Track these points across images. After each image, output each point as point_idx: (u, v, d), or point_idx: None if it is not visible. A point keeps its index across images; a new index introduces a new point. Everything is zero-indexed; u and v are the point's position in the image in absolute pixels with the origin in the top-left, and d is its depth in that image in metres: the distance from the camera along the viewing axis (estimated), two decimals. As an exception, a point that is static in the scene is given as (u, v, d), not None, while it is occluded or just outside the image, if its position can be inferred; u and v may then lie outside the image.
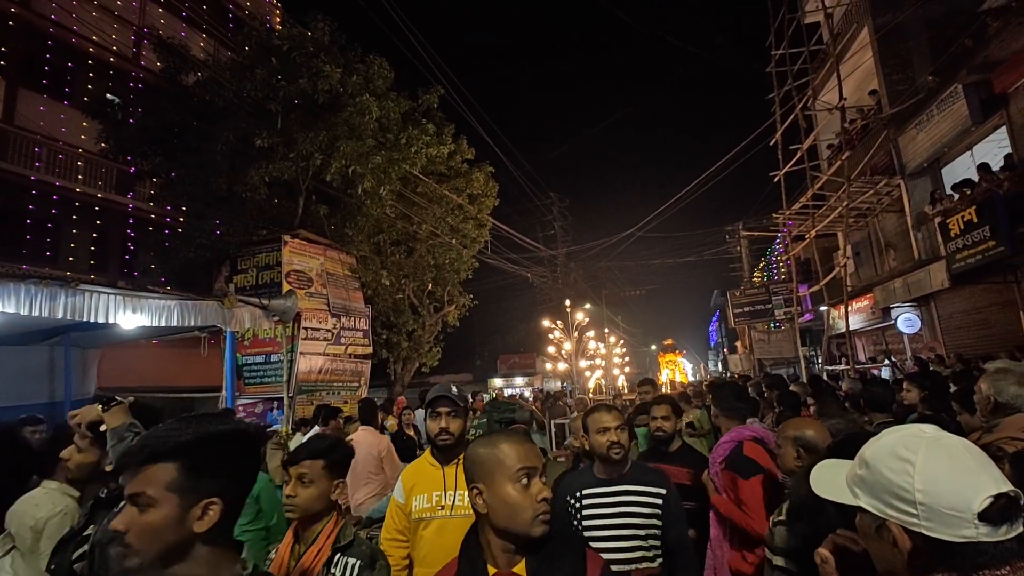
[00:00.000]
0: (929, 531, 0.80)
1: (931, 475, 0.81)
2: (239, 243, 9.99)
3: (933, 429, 0.88)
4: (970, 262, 8.97)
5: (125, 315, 4.84)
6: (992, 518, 0.77)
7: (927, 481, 0.81)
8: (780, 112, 14.33)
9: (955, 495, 0.79)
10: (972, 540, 0.77)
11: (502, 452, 1.26)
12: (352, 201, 10.78)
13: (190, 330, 6.34)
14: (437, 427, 2.18)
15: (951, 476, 0.80)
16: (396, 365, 13.61)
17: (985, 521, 0.77)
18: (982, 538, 0.77)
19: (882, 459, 0.87)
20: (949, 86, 9.71)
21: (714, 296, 42.01)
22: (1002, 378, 2.32)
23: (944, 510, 0.79)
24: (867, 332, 15.11)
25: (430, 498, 2.08)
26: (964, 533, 0.78)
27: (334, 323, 9.94)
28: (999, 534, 0.77)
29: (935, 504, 0.79)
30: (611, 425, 2.29)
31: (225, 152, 9.56)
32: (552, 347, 16.66)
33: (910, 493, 0.81)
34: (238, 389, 8.55)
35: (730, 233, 23.44)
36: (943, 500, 0.79)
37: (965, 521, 0.78)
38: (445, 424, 2.15)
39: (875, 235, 14.27)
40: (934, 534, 0.79)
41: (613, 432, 2.27)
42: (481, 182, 13.61)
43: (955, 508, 0.78)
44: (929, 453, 0.83)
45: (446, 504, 2.05)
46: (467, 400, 2.31)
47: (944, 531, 0.79)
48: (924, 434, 0.86)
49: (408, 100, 11.96)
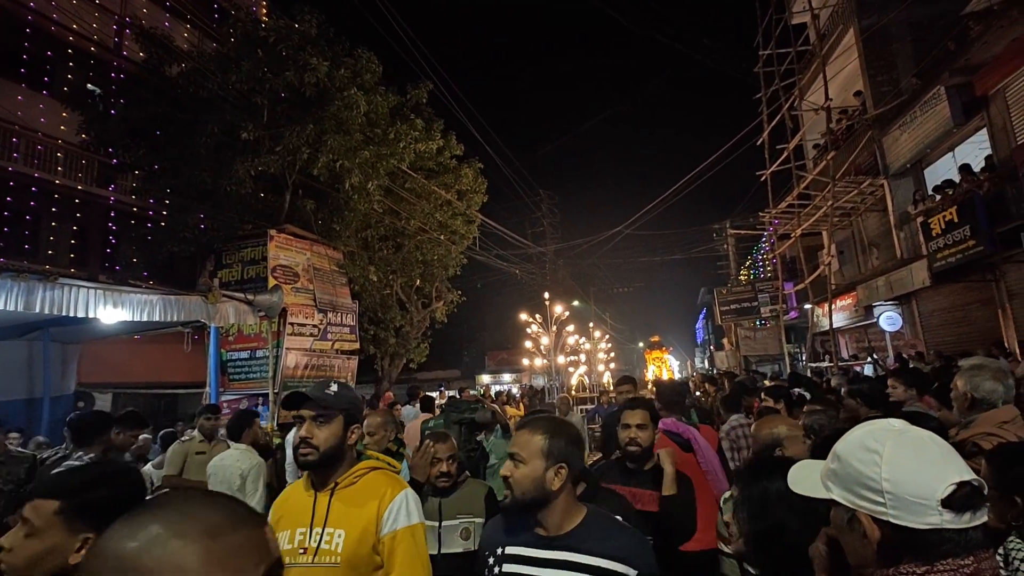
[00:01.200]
0: (896, 519, 0.82)
1: (897, 464, 0.84)
2: (224, 237, 9.85)
3: (901, 423, 0.91)
4: (951, 261, 9.14)
5: (106, 310, 4.76)
6: (955, 505, 0.80)
7: (894, 470, 0.84)
8: (767, 112, 14.47)
9: (920, 483, 0.82)
10: (937, 527, 0.80)
11: None
12: (339, 196, 10.68)
13: (173, 325, 6.25)
14: (296, 437, 1.64)
15: (916, 465, 0.83)
16: (383, 361, 13.54)
17: (948, 508, 0.80)
18: (946, 525, 0.80)
19: (852, 452, 0.90)
20: (932, 88, 9.87)
21: (701, 294, 42.36)
22: (977, 374, 2.36)
23: (910, 498, 0.82)
24: (850, 330, 15.34)
25: (293, 536, 1.59)
26: (929, 520, 0.81)
27: (320, 319, 9.85)
28: (962, 521, 0.80)
29: (901, 492, 0.82)
30: None
31: (210, 145, 9.41)
32: (530, 342, 15.86)
33: (877, 483, 0.84)
34: (222, 385, 8.45)
35: (717, 231, 23.64)
36: (909, 488, 0.82)
37: (929, 508, 0.80)
38: (306, 433, 1.60)
39: (859, 234, 14.48)
40: (901, 522, 0.82)
41: None
42: (470, 178, 13.55)
43: (920, 496, 0.81)
44: (896, 444, 0.86)
45: (309, 547, 1.56)
46: (354, 402, 1.73)
47: (910, 519, 0.81)
48: (892, 427, 0.90)
49: (396, 95, 11.86)
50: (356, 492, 1.64)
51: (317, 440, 1.61)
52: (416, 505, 1.69)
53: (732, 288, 19.33)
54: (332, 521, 1.59)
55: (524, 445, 1.49)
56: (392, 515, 1.62)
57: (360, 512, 1.60)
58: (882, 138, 11.79)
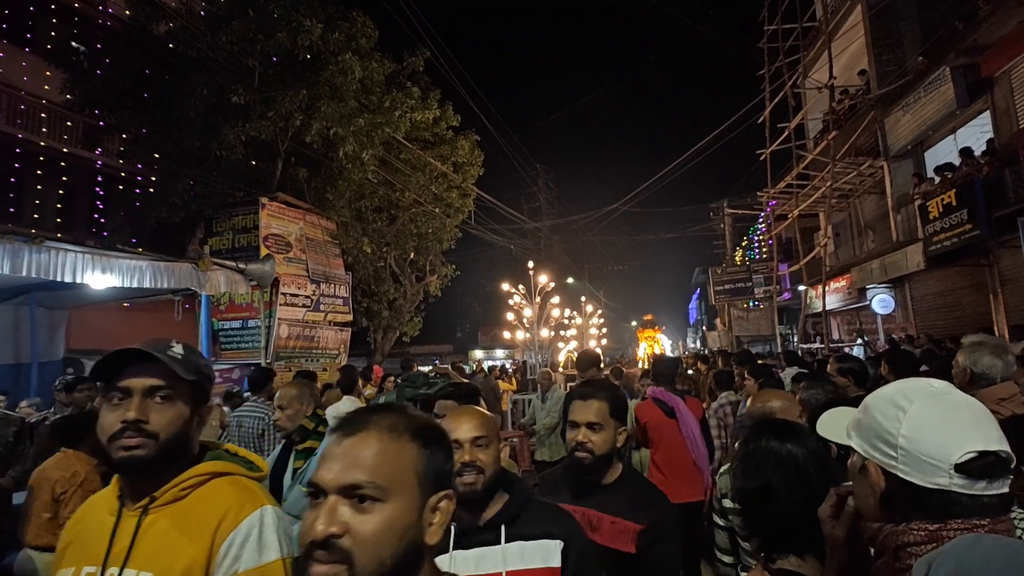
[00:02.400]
0: (904, 474, 0.84)
1: (919, 424, 0.85)
2: (214, 205, 9.66)
3: (943, 385, 0.91)
4: (946, 244, 9.14)
5: (94, 275, 4.66)
6: (969, 471, 0.80)
7: (913, 428, 0.85)
8: (770, 89, 14.26)
9: (936, 445, 0.82)
10: (944, 488, 0.81)
11: None
12: (333, 165, 10.48)
13: (163, 293, 6.16)
14: (114, 422, 1.08)
15: (938, 427, 0.84)
16: (376, 334, 13.51)
17: (961, 473, 0.80)
18: (955, 488, 0.81)
19: (878, 405, 0.92)
20: (937, 68, 9.72)
21: (695, 274, 42.52)
22: (977, 349, 2.38)
23: (922, 457, 0.83)
24: (842, 312, 15.46)
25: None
26: (937, 480, 0.82)
27: (313, 289, 9.76)
28: (975, 488, 0.80)
29: (915, 450, 0.84)
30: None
31: (199, 108, 9.14)
32: (512, 313, 14.29)
33: (894, 437, 0.86)
34: (214, 354, 8.39)
35: (714, 211, 23.57)
36: (923, 447, 0.83)
37: (940, 470, 0.81)
38: (137, 414, 1.08)
39: (855, 217, 14.46)
40: (908, 477, 0.84)
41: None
42: (466, 150, 13.34)
43: (933, 457, 0.82)
44: (924, 404, 0.87)
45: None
46: (205, 371, 1.21)
47: (917, 476, 0.83)
48: (930, 387, 0.90)
49: (392, 62, 11.56)
50: (181, 513, 1.09)
51: (155, 425, 1.09)
52: (277, 530, 1.13)
53: (727, 268, 19.37)
54: (137, 559, 1.04)
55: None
56: (233, 549, 1.07)
57: (182, 545, 1.06)
58: (884, 119, 11.67)
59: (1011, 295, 8.88)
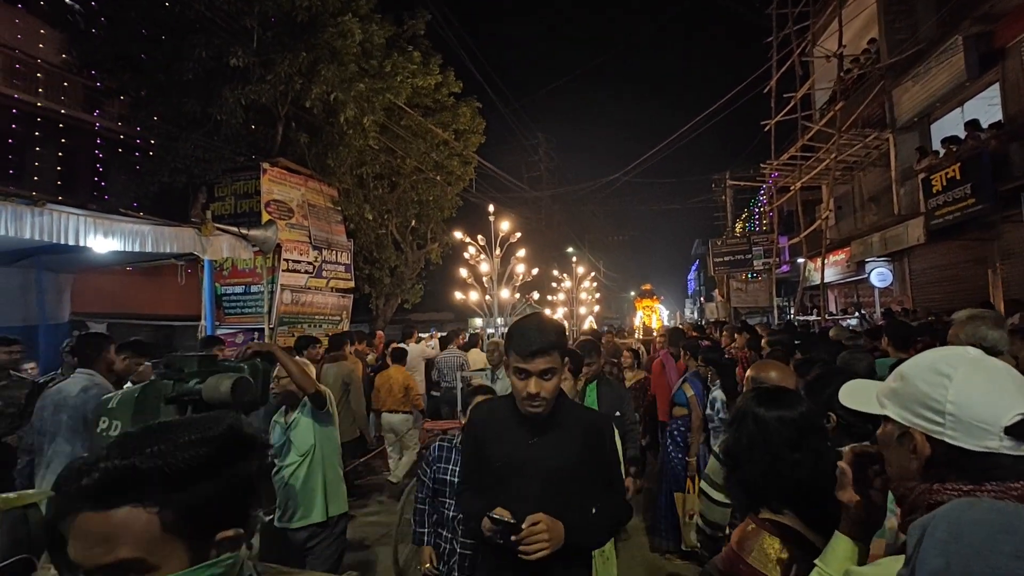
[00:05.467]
0: (952, 440, 0.85)
1: (966, 390, 0.86)
2: (216, 170, 9.62)
3: (977, 352, 0.93)
4: (948, 219, 9.14)
5: (96, 239, 4.69)
6: (1019, 433, 0.81)
7: (961, 394, 0.86)
8: (777, 58, 13.97)
9: (986, 408, 0.84)
10: (993, 451, 0.83)
11: None
12: (334, 131, 10.37)
13: (166, 257, 6.20)
14: None
15: (986, 392, 0.85)
16: (378, 301, 13.62)
17: (1011, 435, 0.82)
18: (1004, 450, 0.82)
19: (920, 373, 0.93)
20: (950, 37, 9.51)
21: (695, 245, 42.42)
22: (981, 324, 2.35)
23: (973, 421, 0.84)
24: (840, 285, 15.52)
25: None
26: (987, 444, 0.83)
27: (315, 256, 9.80)
28: (1021, 450, 0.82)
29: (964, 415, 0.85)
30: None
31: (198, 71, 9.01)
32: (465, 269, 11.22)
33: (941, 404, 0.87)
34: (218, 319, 8.50)
35: (716, 182, 23.37)
36: (972, 412, 0.84)
37: (990, 433, 0.83)
38: None
39: (858, 189, 14.37)
40: (957, 443, 0.85)
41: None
42: (468, 117, 13.16)
43: (983, 420, 0.83)
44: (970, 370, 0.88)
45: None
46: None
47: (967, 440, 0.84)
48: (968, 355, 0.92)
49: (392, 25, 11.31)
50: None
51: None
52: None
53: (727, 240, 19.33)
54: None
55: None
56: None
57: None
58: (893, 89, 11.48)
59: (1011, 269, 8.93)
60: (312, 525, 3.06)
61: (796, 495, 1.32)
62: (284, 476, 3.08)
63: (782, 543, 1.27)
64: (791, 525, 1.30)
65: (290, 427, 3.13)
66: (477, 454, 1.80)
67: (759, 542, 1.29)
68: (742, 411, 1.47)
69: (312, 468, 3.09)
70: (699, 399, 4.36)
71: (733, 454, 1.45)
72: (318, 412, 3.12)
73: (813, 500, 1.29)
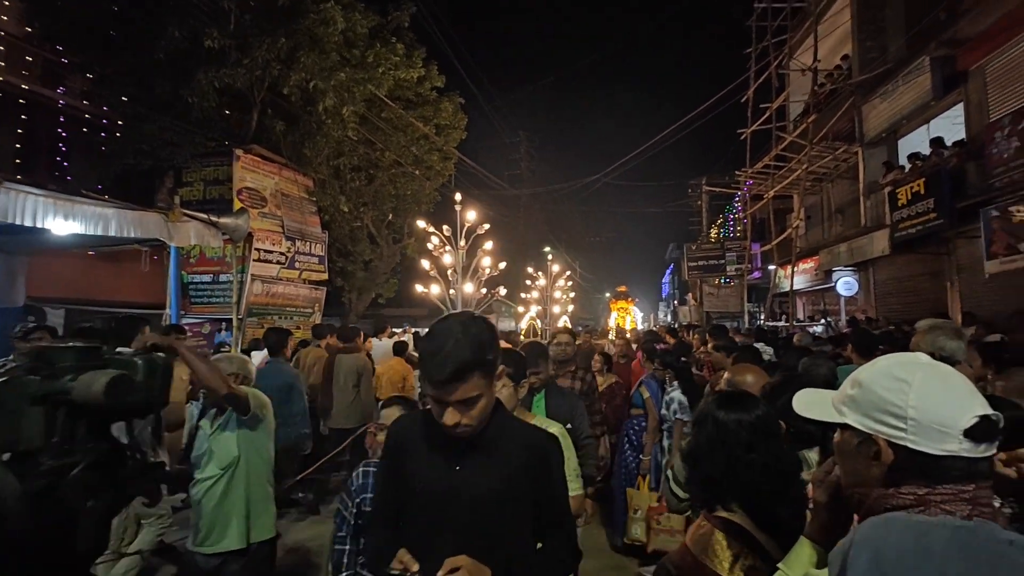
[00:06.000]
0: (914, 444, 0.86)
1: (926, 394, 0.87)
2: (185, 154, 9.33)
3: (927, 358, 0.94)
4: (911, 232, 9.47)
5: (55, 221, 4.48)
6: (976, 435, 0.83)
7: (921, 398, 0.87)
8: (755, 68, 14.27)
9: (946, 411, 0.85)
10: (953, 454, 0.84)
11: None
12: (312, 119, 10.17)
13: (130, 242, 5.98)
14: None
15: (944, 396, 0.87)
16: (351, 294, 13.43)
17: (969, 438, 0.83)
18: (963, 453, 0.84)
19: (878, 380, 0.93)
20: (917, 58, 9.86)
21: (670, 249, 43.06)
22: (940, 333, 2.44)
23: (934, 425, 0.85)
24: (808, 292, 15.95)
25: None
26: (947, 447, 0.84)
27: (288, 246, 9.60)
28: (978, 451, 0.84)
29: (925, 419, 0.86)
30: None
31: (170, 51, 8.72)
32: (427, 261, 10.28)
33: (903, 409, 0.88)
34: (183, 308, 8.25)
35: (693, 187, 23.77)
36: (933, 416, 0.85)
37: (950, 436, 0.84)
38: None
39: (827, 200, 14.78)
40: (919, 447, 0.86)
41: None
42: (450, 112, 13.09)
43: (944, 424, 0.85)
44: (926, 375, 0.89)
45: None
46: None
47: (928, 444, 0.85)
48: (920, 360, 0.93)
49: (377, 16, 11.15)
50: None
51: None
52: None
53: (701, 245, 19.69)
54: None
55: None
56: None
57: None
58: (862, 105, 11.84)
59: (965, 283, 9.30)
60: (227, 552, 2.66)
61: (749, 495, 1.37)
62: (199, 492, 2.68)
63: (732, 540, 1.32)
64: (741, 524, 1.35)
65: (213, 435, 2.74)
66: (393, 480, 1.48)
67: (711, 539, 1.33)
68: (704, 413, 1.53)
69: (233, 484, 2.70)
70: (655, 400, 4.48)
71: (694, 454, 1.50)
72: (242, 419, 2.72)
73: (765, 501, 1.35)
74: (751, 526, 1.34)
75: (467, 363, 1.28)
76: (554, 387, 3.15)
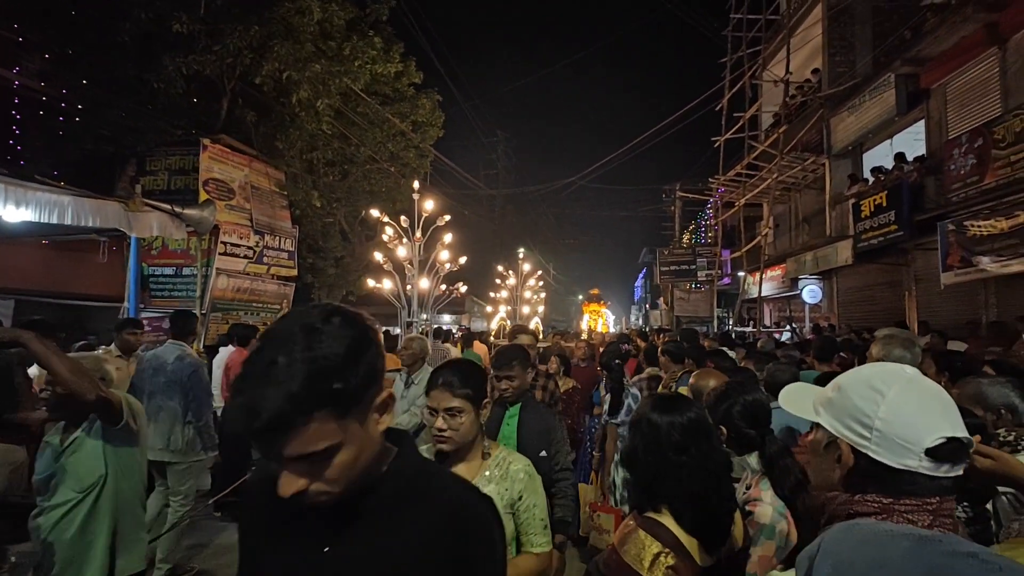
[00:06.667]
0: (875, 454, 0.88)
1: (896, 408, 0.88)
2: (149, 142, 8.98)
3: (913, 371, 0.95)
4: (872, 243, 9.79)
5: (7, 207, 4.26)
6: (938, 456, 0.85)
7: (891, 412, 0.88)
8: (730, 78, 14.57)
9: (911, 429, 0.87)
10: (911, 469, 0.86)
11: None
12: (285, 111, 9.93)
13: (87, 232, 5.73)
14: None
15: (914, 413, 0.88)
16: (320, 292, 13.18)
17: (931, 457, 0.85)
18: (922, 470, 0.86)
19: (856, 387, 0.94)
20: (883, 74, 10.21)
21: (643, 253, 43.61)
22: (889, 342, 2.58)
23: (896, 439, 0.87)
24: (775, 299, 16.36)
25: None
26: (906, 462, 0.86)
27: (257, 240, 9.34)
28: (939, 471, 0.86)
29: (889, 433, 0.87)
30: None
31: (135, 33, 8.38)
32: (380, 253, 9.28)
33: (871, 419, 0.89)
34: (142, 301, 7.94)
35: (667, 192, 24.13)
36: (898, 431, 0.87)
37: (911, 453, 0.86)
38: None
39: (795, 209, 15.20)
40: (879, 457, 0.88)
41: None
42: (427, 110, 12.95)
43: (907, 440, 0.86)
44: (902, 390, 0.90)
45: None
46: None
47: (888, 456, 0.87)
48: (904, 373, 0.94)
49: (355, 8, 10.96)
50: None
51: None
52: None
53: (674, 250, 20.00)
54: None
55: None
56: None
57: None
58: (830, 118, 12.20)
59: (922, 293, 9.67)
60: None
61: (680, 495, 1.39)
62: (49, 521, 2.17)
63: (653, 540, 1.34)
64: (665, 524, 1.37)
65: (66, 451, 2.23)
66: (248, 561, 0.98)
67: (634, 539, 1.36)
68: (639, 416, 1.55)
69: (97, 509, 2.22)
70: None
71: (630, 456, 1.53)
72: (111, 430, 2.26)
73: (696, 501, 1.38)
74: (674, 526, 1.37)
75: (297, 400, 0.75)
76: (532, 401, 2.62)
